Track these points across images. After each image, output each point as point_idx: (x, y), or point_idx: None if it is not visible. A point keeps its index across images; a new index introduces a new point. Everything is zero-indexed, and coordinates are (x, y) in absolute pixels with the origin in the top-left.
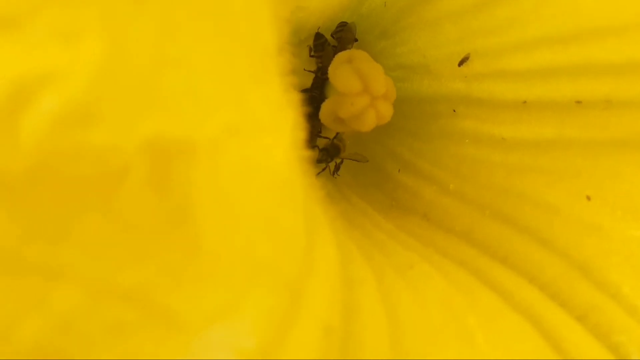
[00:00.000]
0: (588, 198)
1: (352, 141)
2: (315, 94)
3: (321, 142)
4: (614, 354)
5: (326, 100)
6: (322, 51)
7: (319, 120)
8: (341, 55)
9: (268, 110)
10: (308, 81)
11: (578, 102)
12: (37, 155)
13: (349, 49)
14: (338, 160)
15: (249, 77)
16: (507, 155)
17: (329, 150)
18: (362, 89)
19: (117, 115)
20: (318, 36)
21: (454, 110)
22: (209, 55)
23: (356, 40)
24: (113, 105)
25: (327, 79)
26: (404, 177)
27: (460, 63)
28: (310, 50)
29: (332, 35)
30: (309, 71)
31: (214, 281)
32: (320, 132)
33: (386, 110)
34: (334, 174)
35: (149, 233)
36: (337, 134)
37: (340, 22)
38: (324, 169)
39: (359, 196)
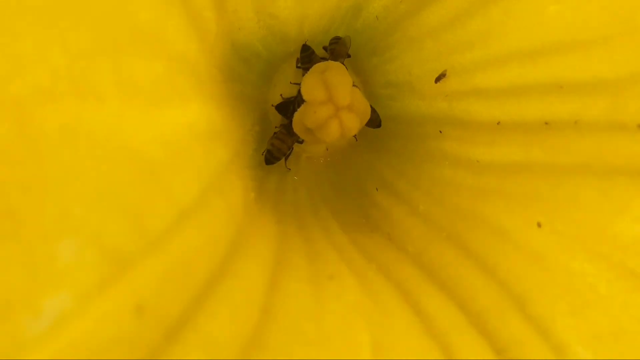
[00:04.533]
0: (539, 225)
1: (340, 157)
2: (293, 106)
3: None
4: None
5: (297, 111)
6: (308, 63)
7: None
8: (317, 67)
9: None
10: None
11: (546, 123)
12: None
13: (342, 62)
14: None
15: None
16: (477, 178)
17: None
18: (326, 99)
19: None
20: (304, 48)
21: (441, 131)
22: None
23: (349, 56)
24: None
25: None
26: (380, 195)
27: (437, 80)
28: (298, 61)
29: (324, 49)
30: (294, 84)
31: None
32: (300, 141)
33: (350, 122)
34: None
35: None
36: (275, 133)
37: (334, 37)
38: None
39: (330, 210)
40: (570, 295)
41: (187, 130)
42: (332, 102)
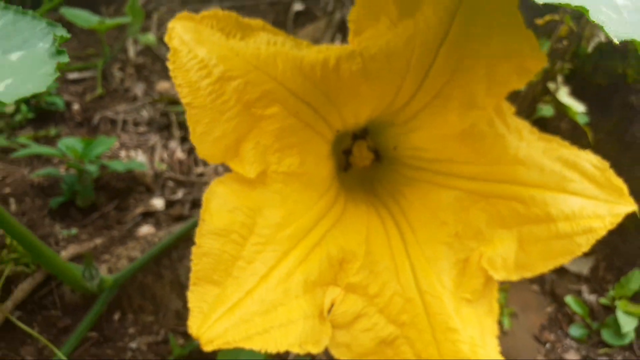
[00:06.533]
0: (403, 196)
1: (364, 170)
2: (348, 155)
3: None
4: None
5: (350, 157)
6: (354, 139)
7: (350, 161)
8: (357, 143)
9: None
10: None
11: (422, 169)
12: None
13: (365, 138)
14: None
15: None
16: (406, 180)
17: (348, 166)
18: (359, 154)
19: None
20: (354, 133)
21: (399, 164)
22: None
23: (367, 133)
24: None
25: None
26: (378, 185)
27: (394, 148)
28: (351, 138)
29: (360, 131)
30: (348, 147)
31: None
32: (350, 165)
33: (366, 162)
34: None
35: None
36: (349, 162)
37: (363, 129)
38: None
39: (359, 188)
40: (425, 217)
41: (332, 167)
42: (361, 156)
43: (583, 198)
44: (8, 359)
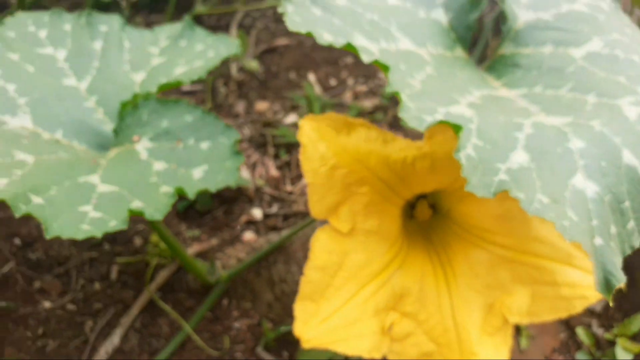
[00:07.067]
0: (450, 248)
1: (424, 221)
2: (412, 208)
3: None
4: None
5: (414, 210)
6: (418, 199)
7: (414, 214)
8: (420, 201)
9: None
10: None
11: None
12: None
13: (426, 197)
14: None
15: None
16: (455, 237)
17: (412, 217)
18: (420, 211)
19: None
20: (418, 195)
21: (450, 221)
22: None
23: (426, 196)
24: None
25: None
26: (434, 233)
27: (448, 210)
28: (415, 198)
29: (422, 195)
30: (413, 202)
31: None
32: (413, 216)
33: (426, 216)
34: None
35: None
36: (412, 214)
37: (422, 194)
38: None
39: (419, 234)
40: (465, 267)
41: (400, 225)
42: (422, 212)
43: (583, 272)
44: (150, 326)
